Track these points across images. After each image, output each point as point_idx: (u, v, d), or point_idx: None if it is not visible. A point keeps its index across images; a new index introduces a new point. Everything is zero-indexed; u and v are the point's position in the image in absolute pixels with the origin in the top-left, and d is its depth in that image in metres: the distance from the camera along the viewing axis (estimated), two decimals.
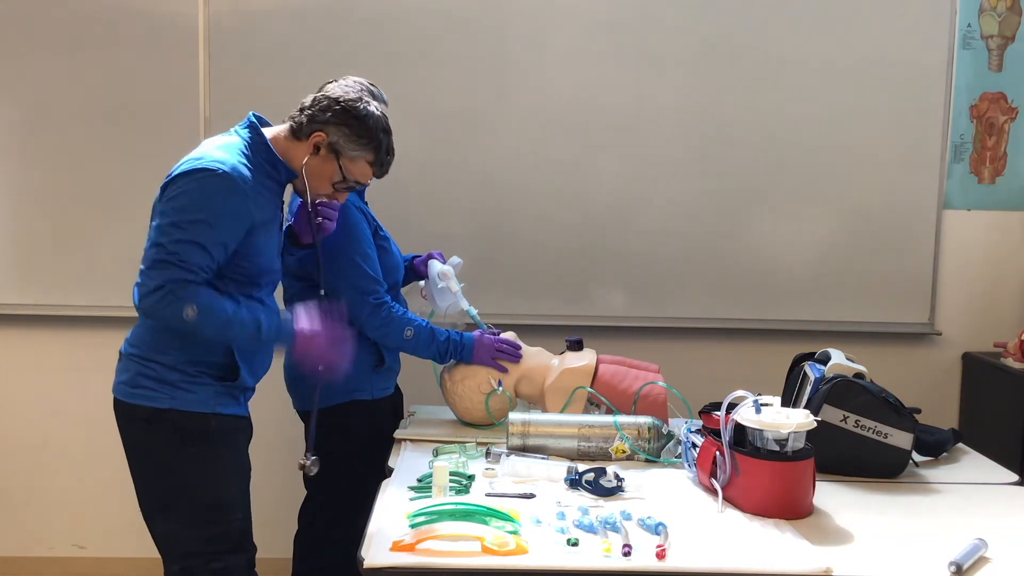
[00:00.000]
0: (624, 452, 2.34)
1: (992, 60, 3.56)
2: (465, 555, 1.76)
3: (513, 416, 2.38)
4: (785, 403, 2.38)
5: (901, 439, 2.30)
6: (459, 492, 2.07)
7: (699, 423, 2.40)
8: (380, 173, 2.32)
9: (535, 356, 2.70)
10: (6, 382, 3.53)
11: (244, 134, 2.22)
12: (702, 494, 2.15)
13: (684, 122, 3.46)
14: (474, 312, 2.73)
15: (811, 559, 1.79)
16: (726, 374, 3.26)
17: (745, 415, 2.05)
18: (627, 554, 1.78)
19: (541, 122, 3.43)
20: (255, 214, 2.14)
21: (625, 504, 2.04)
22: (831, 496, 2.16)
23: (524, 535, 1.84)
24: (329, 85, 2.42)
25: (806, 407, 2.30)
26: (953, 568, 1.76)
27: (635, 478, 2.18)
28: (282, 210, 2.32)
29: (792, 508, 2.02)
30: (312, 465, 2.34)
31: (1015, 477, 2.38)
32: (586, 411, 2.58)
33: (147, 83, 3.37)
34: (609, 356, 2.71)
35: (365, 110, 2.23)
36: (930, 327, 3.61)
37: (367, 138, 2.24)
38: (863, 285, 3.54)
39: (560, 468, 2.21)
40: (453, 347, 2.62)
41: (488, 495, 2.07)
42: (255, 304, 2.20)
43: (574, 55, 3.42)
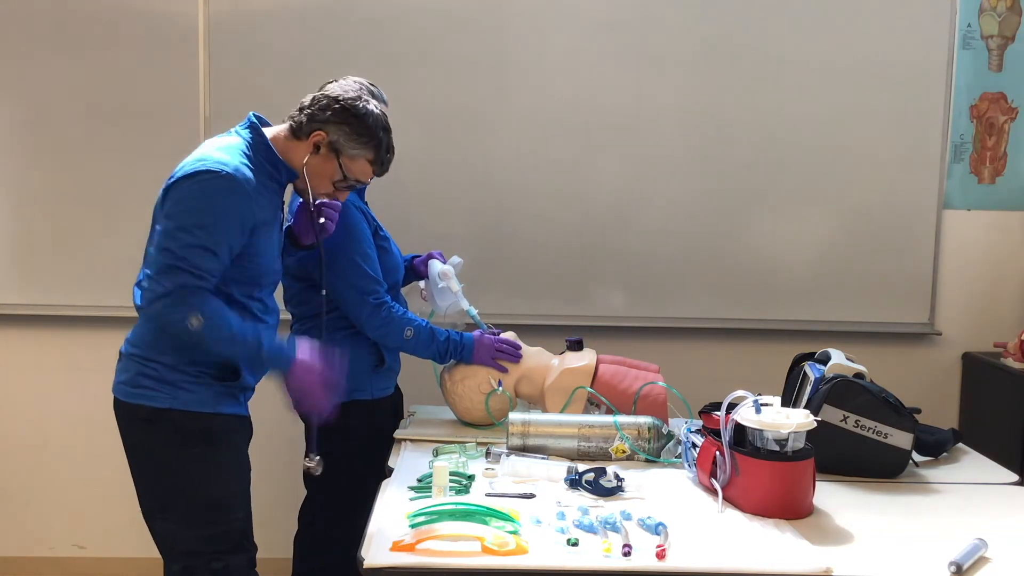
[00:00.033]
0: (624, 452, 2.34)
1: (992, 60, 3.55)
2: (465, 555, 1.76)
3: (513, 416, 2.37)
4: (785, 403, 2.38)
5: (901, 439, 2.30)
6: (459, 492, 2.07)
7: (699, 423, 2.39)
8: (380, 171, 2.32)
9: (535, 356, 2.70)
10: (6, 382, 3.53)
11: (245, 134, 2.22)
12: (702, 494, 2.14)
13: (684, 122, 3.46)
14: (474, 312, 2.73)
15: (811, 559, 1.79)
16: (726, 374, 3.26)
17: (745, 415, 2.05)
18: (627, 554, 1.78)
19: (541, 122, 3.43)
20: (258, 215, 2.14)
21: (625, 504, 2.04)
22: (831, 496, 2.16)
23: (524, 535, 1.84)
24: (329, 85, 2.42)
25: (806, 407, 2.30)
26: (953, 568, 1.76)
27: (635, 478, 2.18)
28: (282, 210, 2.32)
29: (792, 508, 2.02)
30: (317, 465, 2.35)
31: (1015, 477, 2.38)
32: (586, 411, 2.58)
33: (147, 83, 3.37)
34: (609, 356, 2.71)
35: (364, 108, 2.23)
36: (930, 327, 3.61)
37: (367, 136, 2.24)
38: (863, 285, 3.54)
39: (560, 468, 2.20)
40: (453, 347, 2.62)
41: (488, 495, 2.07)
42: (260, 324, 2.20)
43: (574, 55, 3.42)
